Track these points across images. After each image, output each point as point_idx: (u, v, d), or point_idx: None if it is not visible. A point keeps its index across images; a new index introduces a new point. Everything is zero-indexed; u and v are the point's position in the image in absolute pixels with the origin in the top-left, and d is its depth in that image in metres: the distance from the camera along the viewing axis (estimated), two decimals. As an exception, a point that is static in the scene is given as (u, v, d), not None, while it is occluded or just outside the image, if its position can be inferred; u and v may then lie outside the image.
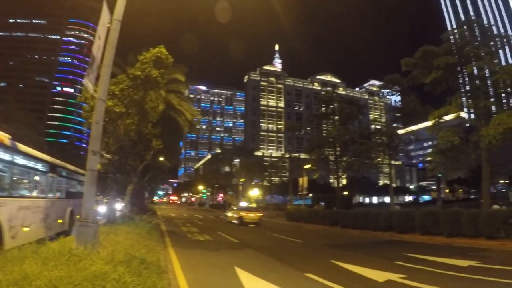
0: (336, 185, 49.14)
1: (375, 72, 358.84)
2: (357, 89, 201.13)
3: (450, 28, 36.31)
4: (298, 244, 21.37)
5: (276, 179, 78.37)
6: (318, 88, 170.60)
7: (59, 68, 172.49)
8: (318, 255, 16.47)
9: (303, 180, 48.22)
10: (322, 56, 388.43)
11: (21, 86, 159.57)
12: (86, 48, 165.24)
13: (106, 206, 31.35)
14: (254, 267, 12.39)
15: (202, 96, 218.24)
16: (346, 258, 14.62)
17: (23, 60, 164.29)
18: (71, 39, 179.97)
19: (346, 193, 77.74)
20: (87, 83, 11.27)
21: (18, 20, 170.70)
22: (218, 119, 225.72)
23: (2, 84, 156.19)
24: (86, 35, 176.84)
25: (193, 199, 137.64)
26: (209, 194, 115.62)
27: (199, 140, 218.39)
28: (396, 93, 45.93)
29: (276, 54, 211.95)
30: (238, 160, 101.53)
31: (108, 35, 11.12)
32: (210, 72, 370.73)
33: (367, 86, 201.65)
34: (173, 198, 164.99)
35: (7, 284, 6.17)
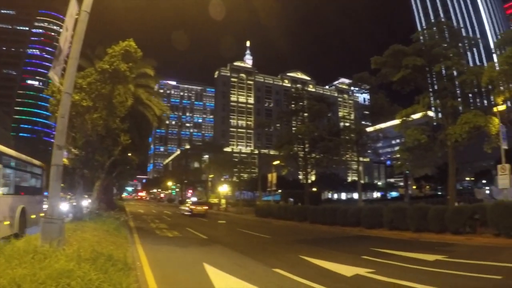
0: (305, 181, 49.38)
1: (346, 71, 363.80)
2: (327, 86, 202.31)
3: (420, 28, 36.91)
4: (267, 240, 21.42)
5: (246, 175, 78.32)
6: (288, 85, 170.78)
7: (27, 60, 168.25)
8: (287, 251, 16.50)
9: (272, 176, 48.39)
10: (293, 54, 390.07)
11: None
12: (55, 40, 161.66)
13: (70, 203, 30.94)
14: (223, 263, 12.36)
15: (172, 91, 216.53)
16: (315, 253, 14.73)
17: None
18: (41, 30, 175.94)
19: (315, 189, 78.43)
20: (53, 75, 11.00)
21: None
22: (188, 114, 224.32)
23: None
24: (56, 27, 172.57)
25: (162, 195, 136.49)
26: (178, 190, 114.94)
27: (168, 136, 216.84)
28: (365, 91, 46.44)
29: (247, 51, 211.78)
30: (207, 156, 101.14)
31: (75, 27, 10.90)
32: (180, 67, 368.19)
33: (337, 84, 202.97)
34: (141, 194, 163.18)
35: (-33, 283, 5.95)
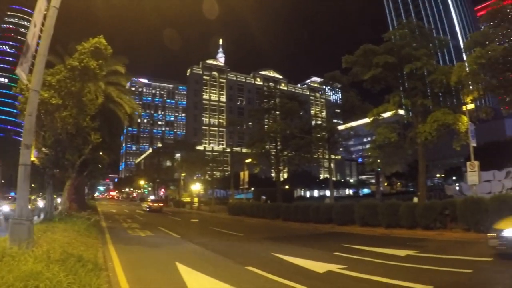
0: (277, 179, 49.57)
1: (318, 70, 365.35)
2: (299, 85, 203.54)
3: (392, 29, 37.48)
4: (239, 238, 21.41)
5: (218, 174, 78.22)
6: (261, 83, 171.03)
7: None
8: (260, 248, 16.56)
9: (244, 174, 48.42)
10: (266, 52, 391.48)
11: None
12: (26, 36, 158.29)
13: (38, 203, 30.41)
14: (195, 262, 12.32)
15: (144, 89, 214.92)
16: (287, 250, 14.79)
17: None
18: (11, 26, 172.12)
19: (287, 187, 78.70)
20: (20, 72, 10.77)
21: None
22: (160, 112, 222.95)
23: None
24: (27, 23, 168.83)
25: (134, 194, 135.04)
26: (150, 189, 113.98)
27: (140, 134, 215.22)
28: (336, 89, 46.78)
29: (220, 49, 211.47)
30: (179, 154, 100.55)
31: (44, 23, 10.71)
32: (152, 65, 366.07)
33: (309, 82, 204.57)
34: (112, 193, 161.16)
35: None
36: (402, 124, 31.55)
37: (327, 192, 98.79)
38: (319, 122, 49.17)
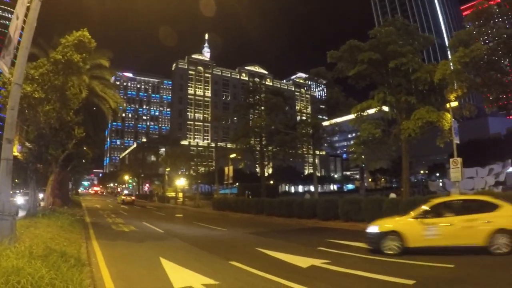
0: (262, 174, 49.66)
1: (304, 66, 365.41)
2: (284, 81, 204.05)
3: (378, 26, 37.45)
4: (223, 233, 21.44)
5: (203, 169, 78.07)
6: (246, 78, 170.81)
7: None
8: (243, 243, 16.60)
9: (229, 169, 48.38)
10: (251, 48, 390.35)
11: None
12: (8, 28, 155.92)
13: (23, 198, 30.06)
14: (179, 257, 12.30)
15: (129, 84, 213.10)
16: (271, 245, 14.86)
17: None
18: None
19: (272, 182, 78.95)
20: (2, 65, 10.59)
21: None
22: (145, 107, 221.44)
23: None
24: (10, 15, 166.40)
25: (119, 189, 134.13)
26: (135, 184, 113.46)
27: (124, 129, 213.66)
28: (321, 85, 46.93)
29: (206, 43, 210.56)
30: (164, 149, 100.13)
31: (27, 15, 10.58)
32: (138, 59, 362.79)
33: (294, 78, 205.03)
34: (96, 188, 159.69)
35: None
36: (387, 121, 31.70)
37: (312, 188, 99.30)
38: (304, 118, 49.19)
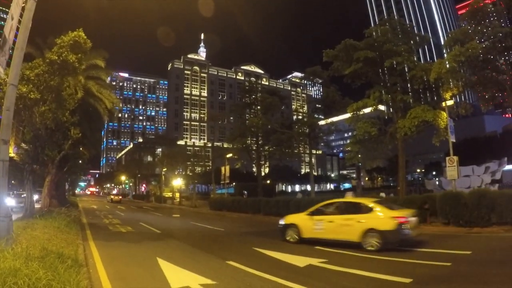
0: (258, 174, 49.66)
1: (300, 65, 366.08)
2: (280, 80, 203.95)
3: (374, 25, 37.58)
4: (220, 233, 21.43)
5: (199, 169, 78.06)
6: (242, 78, 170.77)
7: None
8: (241, 243, 16.61)
9: (225, 169, 48.36)
10: (248, 47, 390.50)
11: None
12: (2, 29, 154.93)
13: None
14: (176, 257, 12.30)
15: (125, 84, 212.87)
16: (268, 245, 14.85)
17: None
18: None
19: (268, 181, 78.93)
20: (-3, 66, 10.61)
21: None
22: (141, 107, 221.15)
23: None
24: (4, 15, 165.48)
25: (115, 190, 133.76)
26: (132, 184, 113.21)
27: (121, 129, 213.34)
28: (317, 84, 46.94)
29: (201, 43, 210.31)
30: (160, 149, 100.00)
31: (22, 15, 10.55)
32: (134, 59, 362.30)
33: (291, 77, 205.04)
34: (92, 189, 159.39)
35: None
36: (383, 120, 31.78)
37: (308, 187, 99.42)
38: (300, 117, 49.25)
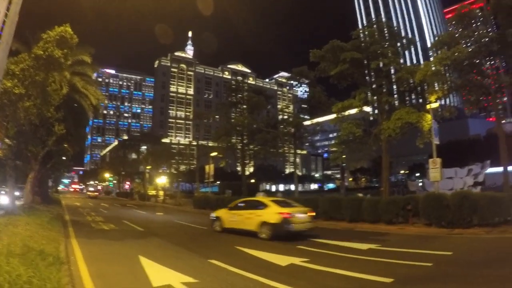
0: (243, 173, 49.65)
1: (287, 65, 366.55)
2: (267, 80, 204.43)
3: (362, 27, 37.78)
4: (203, 231, 21.35)
5: (184, 167, 77.86)
6: (229, 77, 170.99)
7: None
8: (223, 242, 16.59)
9: (210, 168, 48.23)
10: (235, 46, 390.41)
11: None
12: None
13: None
14: (158, 255, 12.26)
15: (111, 80, 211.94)
16: (250, 244, 14.87)
17: None
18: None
19: (253, 180, 79.08)
20: (-18, 61, 10.46)
21: None
22: (126, 104, 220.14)
23: None
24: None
25: (99, 187, 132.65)
26: (116, 182, 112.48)
27: (106, 126, 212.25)
28: (303, 85, 47.05)
29: (189, 41, 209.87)
30: (145, 147, 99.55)
31: (9, 9, 10.42)
32: (120, 56, 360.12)
33: (277, 77, 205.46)
34: (75, 186, 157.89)
35: None
36: (368, 121, 31.99)
37: (292, 187, 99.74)
38: (285, 117, 49.31)
